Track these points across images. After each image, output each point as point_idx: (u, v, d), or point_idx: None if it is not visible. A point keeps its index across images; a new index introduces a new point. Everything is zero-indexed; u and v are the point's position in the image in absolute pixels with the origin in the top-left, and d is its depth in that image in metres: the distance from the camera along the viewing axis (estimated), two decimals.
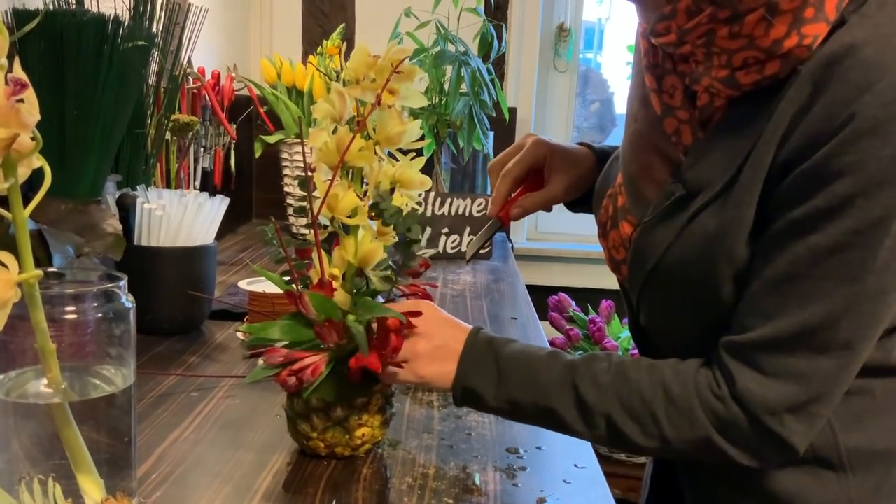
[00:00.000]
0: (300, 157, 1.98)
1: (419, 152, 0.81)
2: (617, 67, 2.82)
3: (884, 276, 0.68)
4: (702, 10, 0.71)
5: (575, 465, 0.85)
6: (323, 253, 0.80)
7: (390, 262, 0.82)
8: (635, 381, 0.75)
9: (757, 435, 0.72)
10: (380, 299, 0.82)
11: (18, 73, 0.45)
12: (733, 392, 0.72)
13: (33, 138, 0.47)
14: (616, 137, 2.68)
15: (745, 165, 0.72)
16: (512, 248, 2.24)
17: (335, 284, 0.80)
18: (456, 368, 0.80)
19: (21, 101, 0.45)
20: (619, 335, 2.30)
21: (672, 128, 0.79)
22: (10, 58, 0.46)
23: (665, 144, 0.80)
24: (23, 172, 0.48)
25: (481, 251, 1.95)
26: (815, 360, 0.70)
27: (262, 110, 1.99)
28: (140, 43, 1.12)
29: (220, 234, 1.32)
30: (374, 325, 0.79)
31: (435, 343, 0.80)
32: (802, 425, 0.71)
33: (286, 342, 0.80)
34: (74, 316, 0.61)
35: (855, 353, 0.71)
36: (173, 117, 1.49)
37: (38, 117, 0.46)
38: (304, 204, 0.79)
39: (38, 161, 0.49)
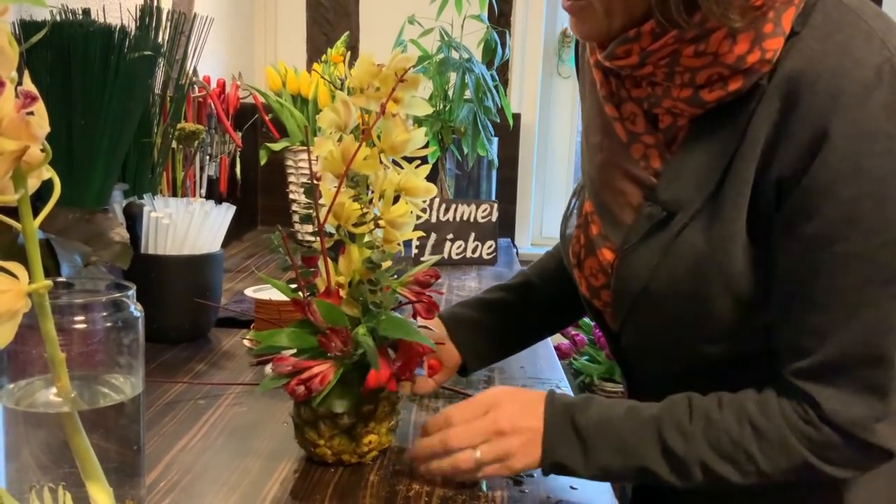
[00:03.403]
0: (305, 165, 1.99)
1: (424, 160, 0.81)
2: None
3: None
4: (667, 32, 0.71)
5: None
6: (329, 261, 0.80)
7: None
8: (720, 422, 0.75)
9: (853, 450, 0.73)
10: None
11: (28, 85, 0.46)
12: (820, 415, 0.73)
13: (43, 150, 0.48)
14: None
15: (725, 181, 0.74)
16: (517, 253, 2.24)
17: (341, 292, 0.80)
18: (541, 446, 0.78)
19: (31, 113, 0.45)
20: None
21: (639, 153, 0.80)
22: (19, 70, 0.46)
23: (635, 169, 0.80)
24: (32, 184, 0.48)
25: (486, 257, 1.96)
26: (884, 367, 0.71)
27: (266, 118, 2.00)
28: (146, 53, 1.13)
29: (226, 242, 1.32)
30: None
31: (525, 436, 0.78)
32: (891, 428, 0.73)
33: (293, 350, 0.80)
34: (84, 325, 0.61)
35: None
36: (179, 126, 1.49)
37: (47, 129, 0.46)
38: (310, 212, 0.79)
39: (48, 173, 0.49)
